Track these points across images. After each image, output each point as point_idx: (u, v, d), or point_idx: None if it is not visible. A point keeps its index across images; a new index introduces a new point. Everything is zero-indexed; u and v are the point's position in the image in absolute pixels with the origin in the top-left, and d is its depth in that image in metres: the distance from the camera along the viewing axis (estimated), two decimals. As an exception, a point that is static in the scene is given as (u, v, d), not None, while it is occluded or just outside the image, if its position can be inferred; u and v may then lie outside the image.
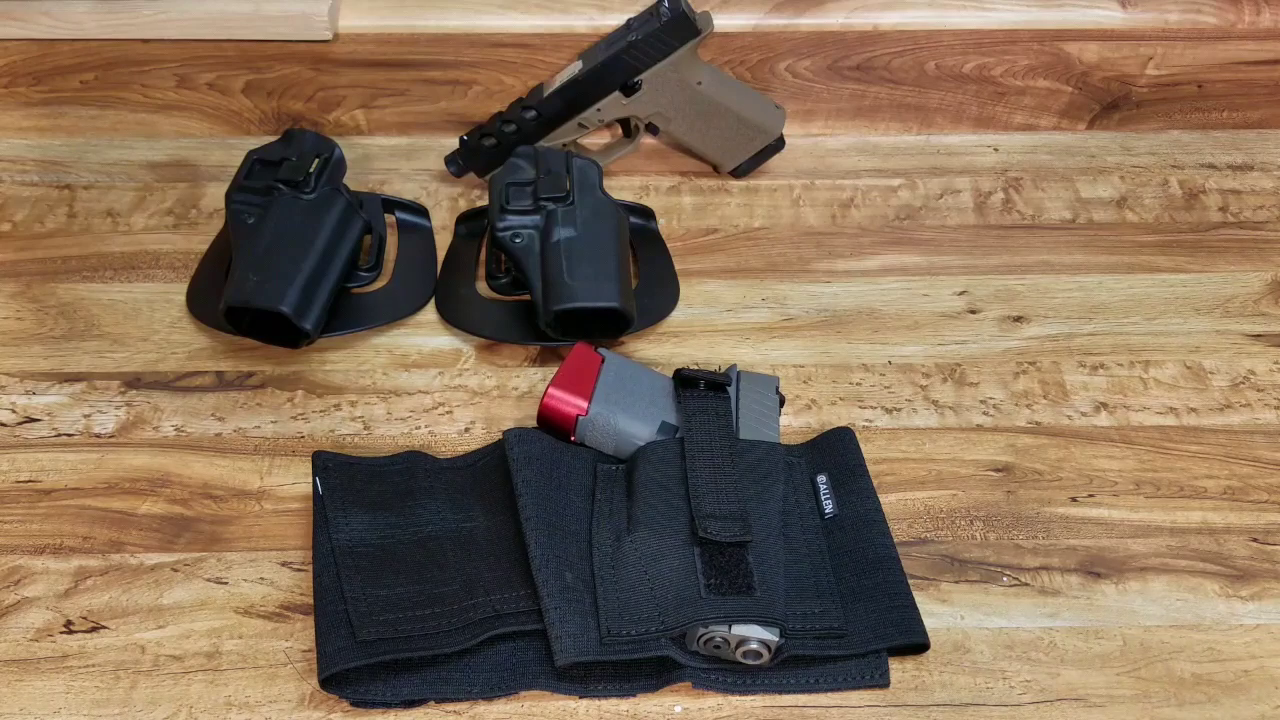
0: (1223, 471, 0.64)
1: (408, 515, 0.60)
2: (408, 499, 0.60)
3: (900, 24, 0.83)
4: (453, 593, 0.56)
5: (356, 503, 0.60)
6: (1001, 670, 0.55)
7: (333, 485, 0.60)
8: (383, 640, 0.54)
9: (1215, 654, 0.56)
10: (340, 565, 0.57)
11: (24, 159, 0.85)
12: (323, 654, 0.53)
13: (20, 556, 0.60)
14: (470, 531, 0.59)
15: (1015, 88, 0.86)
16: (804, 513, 0.60)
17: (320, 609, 0.55)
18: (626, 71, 0.77)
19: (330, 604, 0.55)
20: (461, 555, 0.58)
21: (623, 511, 0.58)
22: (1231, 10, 0.84)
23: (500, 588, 0.55)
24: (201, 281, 0.74)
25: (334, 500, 0.60)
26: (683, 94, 0.78)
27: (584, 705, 0.54)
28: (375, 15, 0.83)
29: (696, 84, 0.78)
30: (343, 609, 0.55)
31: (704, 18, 0.77)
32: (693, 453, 0.59)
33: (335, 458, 0.62)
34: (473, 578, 0.56)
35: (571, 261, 0.69)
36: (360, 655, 0.53)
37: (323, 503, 0.60)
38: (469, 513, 0.60)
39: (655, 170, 0.85)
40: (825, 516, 0.61)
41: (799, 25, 0.83)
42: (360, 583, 0.56)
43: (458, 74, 0.85)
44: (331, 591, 0.56)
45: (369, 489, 0.61)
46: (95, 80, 0.84)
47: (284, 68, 0.84)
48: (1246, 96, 0.87)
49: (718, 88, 0.79)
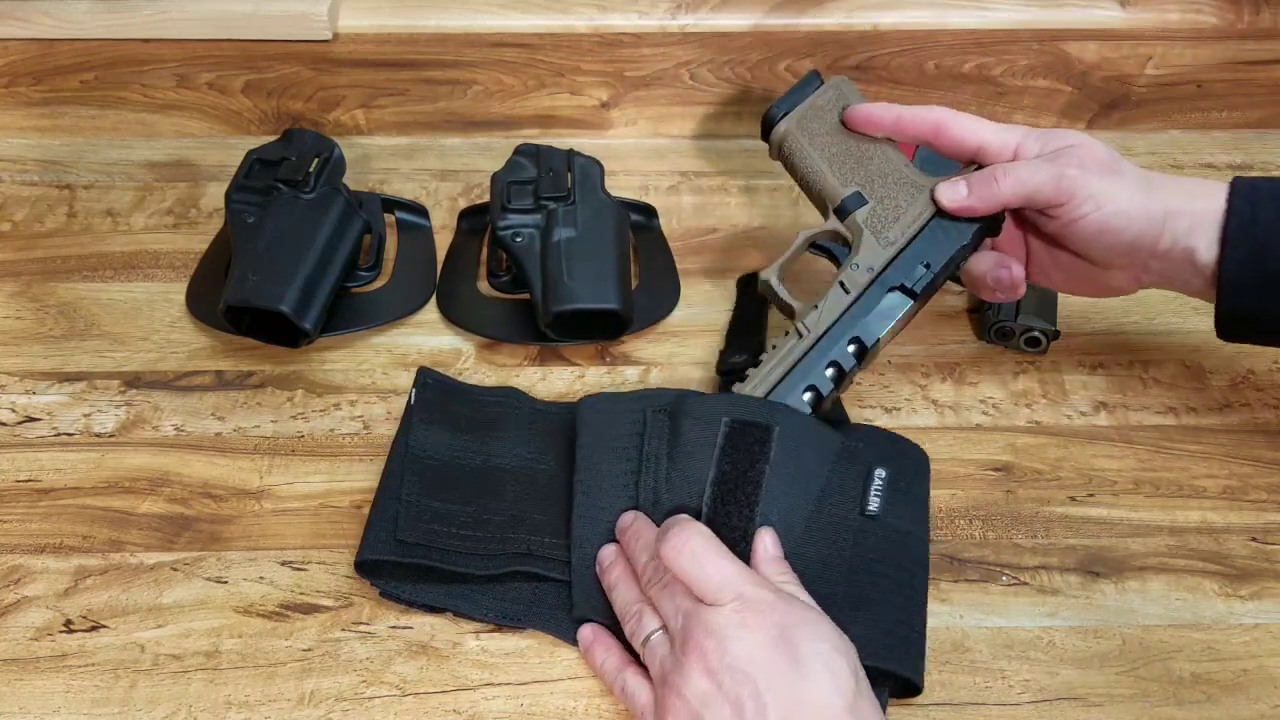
0: (1222, 471, 0.64)
1: (485, 443, 0.62)
2: (491, 429, 0.63)
3: (900, 24, 0.83)
4: (498, 522, 0.59)
5: (442, 420, 0.63)
6: (1000, 670, 0.55)
7: (426, 399, 0.64)
8: (419, 545, 0.57)
9: (1214, 653, 0.56)
10: (406, 468, 0.61)
11: (24, 159, 0.85)
12: (365, 541, 0.58)
13: (20, 556, 0.60)
14: (536, 473, 0.61)
15: (1015, 88, 0.86)
16: (841, 500, 0.57)
17: (376, 504, 0.60)
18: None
19: (387, 501, 0.59)
20: (519, 491, 0.60)
21: (663, 473, 0.57)
22: (1231, 10, 0.84)
23: (541, 530, 0.58)
24: (201, 281, 0.74)
25: (422, 411, 0.64)
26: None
27: (583, 705, 0.54)
28: (375, 15, 0.83)
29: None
30: (395, 509, 0.59)
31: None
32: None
33: (436, 375, 0.66)
34: (521, 514, 0.59)
35: (571, 262, 0.69)
36: (394, 552, 0.57)
37: (410, 412, 0.64)
38: (543, 455, 0.62)
39: (655, 170, 0.85)
40: (865, 513, 0.57)
41: (799, 25, 0.83)
42: (418, 489, 0.60)
43: (458, 74, 0.85)
44: (392, 491, 0.60)
45: (459, 411, 0.64)
46: (95, 80, 0.84)
47: (284, 67, 0.84)
48: (1246, 96, 0.87)
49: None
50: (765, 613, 0.47)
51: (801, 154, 0.64)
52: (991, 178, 0.58)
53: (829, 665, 0.46)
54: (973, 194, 0.59)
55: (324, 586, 0.59)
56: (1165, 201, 0.57)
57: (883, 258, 0.60)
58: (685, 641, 0.48)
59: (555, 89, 0.86)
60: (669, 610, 0.51)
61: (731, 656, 0.46)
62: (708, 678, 0.46)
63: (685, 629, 0.49)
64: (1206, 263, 0.57)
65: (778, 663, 0.46)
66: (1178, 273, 0.58)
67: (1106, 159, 0.58)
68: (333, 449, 0.65)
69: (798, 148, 0.64)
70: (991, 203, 0.59)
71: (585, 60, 0.84)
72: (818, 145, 0.63)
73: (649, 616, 0.52)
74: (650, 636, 0.51)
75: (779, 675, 0.45)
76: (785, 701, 0.45)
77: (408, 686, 0.55)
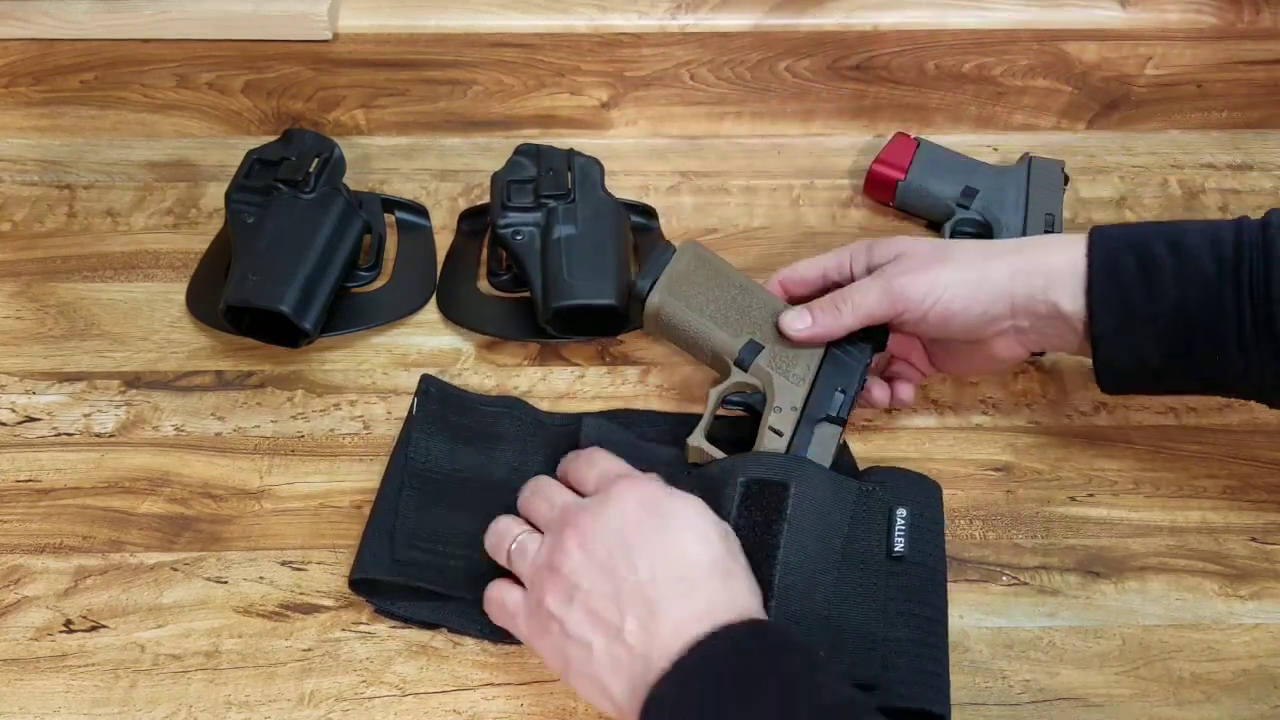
0: (1222, 471, 0.64)
1: (485, 456, 0.62)
2: (492, 441, 0.63)
3: (900, 24, 0.83)
4: None
5: (443, 430, 0.63)
6: (1000, 669, 0.55)
7: (428, 408, 0.64)
8: (415, 565, 0.57)
9: (1214, 653, 0.56)
10: (405, 483, 0.60)
11: (24, 159, 0.85)
12: (360, 558, 0.58)
13: (20, 556, 0.60)
14: None
15: (1015, 88, 0.86)
16: (867, 545, 0.56)
17: (373, 517, 0.59)
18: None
19: (383, 515, 0.59)
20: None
21: None
22: (1231, 10, 0.84)
23: None
24: (201, 281, 0.74)
25: (423, 421, 0.63)
26: None
27: (583, 705, 0.54)
28: (375, 15, 0.83)
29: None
30: (393, 523, 0.59)
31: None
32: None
33: (439, 383, 0.66)
34: None
35: (571, 259, 0.69)
36: (390, 571, 0.57)
37: (412, 422, 0.63)
38: (544, 469, 0.61)
39: (655, 170, 0.85)
40: (892, 555, 0.56)
41: (799, 25, 0.83)
42: (416, 505, 0.60)
43: (458, 74, 0.85)
44: (389, 504, 0.60)
45: (460, 421, 0.64)
46: (95, 80, 0.84)
47: (284, 67, 0.84)
48: (1246, 96, 0.87)
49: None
50: (638, 486, 0.51)
51: (683, 318, 0.63)
52: (834, 305, 0.61)
53: (696, 527, 0.50)
54: (817, 323, 0.61)
55: (324, 586, 0.59)
56: (1009, 264, 0.58)
57: (800, 394, 0.60)
58: (562, 528, 0.51)
59: (555, 89, 0.86)
60: (544, 510, 0.53)
61: (603, 526, 0.49)
62: (581, 550, 0.49)
63: (562, 517, 0.52)
64: (1073, 314, 0.57)
65: (647, 526, 0.49)
66: (1052, 329, 0.58)
67: (930, 252, 0.60)
68: (333, 449, 0.65)
69: (677, 312, 0.63)
70: (836, 329, 0.61)
71: (585, 60, 0.84)
72: (695, 306, 0.63)
73: (515, 527, 0.54)
74: (516, 539, 0.53)
75: (648, 536, 0.49)
76: (654, 560, 0.48)
77: (408, 686, 0.55)
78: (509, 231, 0.72)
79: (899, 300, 0.59)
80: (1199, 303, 0.54)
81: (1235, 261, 0.54)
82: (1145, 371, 0.57)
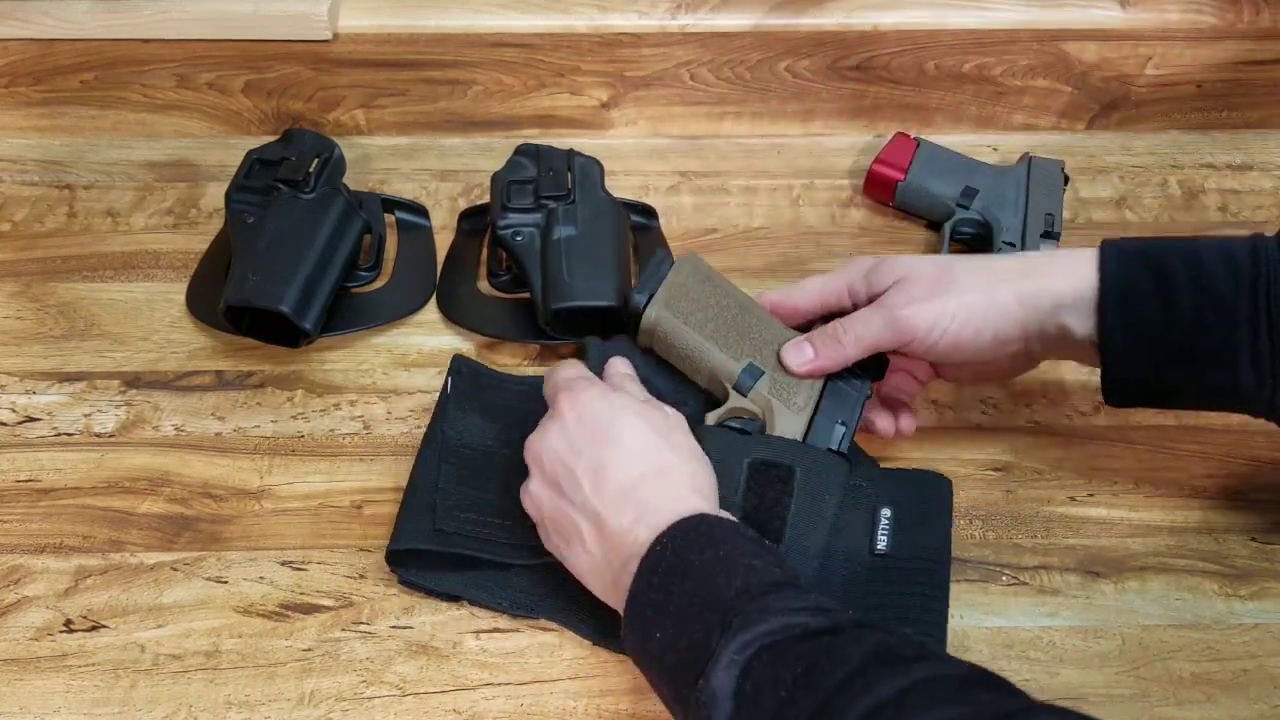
0: (1222, 471, 0.64)
1: (517, 432, 0.61)
2: (524, 417, 0.62)
3: (900, 24, 0.83)
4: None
5: (477, 407, 0.65)
6: (1000, 669, 0.55)
7: (461, 387, 0.66)
8: (459, 535, 0.58)
9: (1214, 653, 0.56)
10: (443, 457, 0.62)
11: (24, 159, 0.85)
12: (400, 530, 0.59)
13: (20, 556, 0.60)
14: None
15: (1015, 88, 0.86)
16: (849, 539, 0.58)
17: (409, 495, 0.61)
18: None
19: (421, 491, 0.61)
20: None
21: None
22: (1231, 10, 0.84)
23: None
24: (201, 281, 0.74)
25: (458, 399, 0.65)
26: None
27: (583, 705, 0.54)
28: (375, 15, 0.83)
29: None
30: (431, 498, 0.60)
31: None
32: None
33: (470, 362, 0.68)
34: None
35: (571, 260, 0.69)
36: (434, 541, 0.58)
37: (446, 399, 0.65)
38: None
39: (655, 170, 0.85)
40: (875, 552, 0.57)
41: (799, 25, 0.83)
42: (454, 478, 0.61)
43: (458, 74, 0.85)
44: (427, 480, 0.61)
45: (492, 398, 0.66)
46: (95, 80, 0.84)
47: (284, 67, 0.84)
48: (1246, 96, 0.87)
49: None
50: (575, 398, 0.54)
51: (680, 335, 0.61)
52: (835, 338, 0.59)
53: (631, 429, 0.53)
54: (820, 356, 0.59)
55: (324, 586, 0.59)
56: (1017, 290, 0.56)
57: (800, 424, 0.59)
58: (530, 457, 0.55)
59: (555, 89, 0.86)
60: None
61: (548, 444, 0.54)
62: (538, 472, 0.54)
63: (529, 446, 0.55)
64: (1084, 336, 0.56)
65: (583, 435, 0.53)
66: (1063, 347, 0.58)
67: (935, 278, 0.58)
68: (333, 449, 0.65)
69: (674, 329, 0.61)
70: (840, 361, 0.59)
71: (585, 60, 0.84)
72: (694, 323, 0.61)
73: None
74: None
75: (584, 450, 0.52)
76: (592, 464, 0.52)
77: (408, 686, 0.55)
78: (509, 233, 0.72)
79: (905, 332, 0.57)
80: (1213, 322, 0.53)
81: (1252, 279, 0.53)
82: (1155, 389, 0.56)
